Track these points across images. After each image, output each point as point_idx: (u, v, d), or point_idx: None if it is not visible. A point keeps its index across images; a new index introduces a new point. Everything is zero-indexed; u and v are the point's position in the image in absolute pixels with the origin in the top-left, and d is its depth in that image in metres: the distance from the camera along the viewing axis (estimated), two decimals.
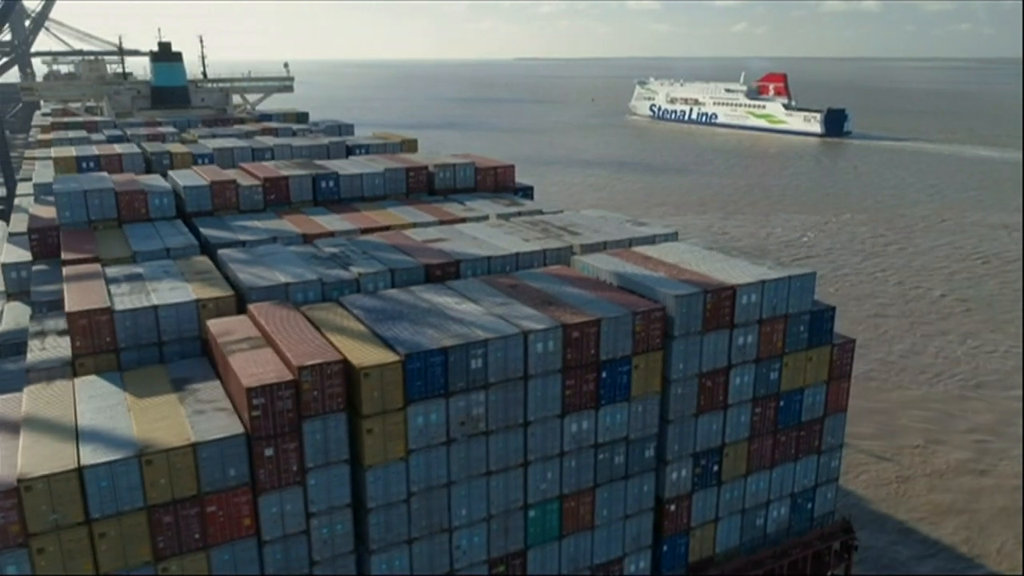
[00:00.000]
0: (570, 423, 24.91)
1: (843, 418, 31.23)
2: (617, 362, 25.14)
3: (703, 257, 30.25)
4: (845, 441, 32.14)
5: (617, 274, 28.19)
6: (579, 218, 37.41)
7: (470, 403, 22.95)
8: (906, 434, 57.16)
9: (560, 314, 24.65)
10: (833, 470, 31.74)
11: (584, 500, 25.94)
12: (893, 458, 53.78)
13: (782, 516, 30.83)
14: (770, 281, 27.51)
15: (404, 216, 37.69)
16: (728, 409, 27.97)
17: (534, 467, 24.67)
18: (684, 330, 26.07)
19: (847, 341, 30.42)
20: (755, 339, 27.72)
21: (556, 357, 24.02)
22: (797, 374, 29.19)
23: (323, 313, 25.16)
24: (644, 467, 26.87)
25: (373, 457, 21.91)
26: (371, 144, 56.45)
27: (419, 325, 23.75)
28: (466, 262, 30.13)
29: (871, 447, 55.12)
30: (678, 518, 28.14)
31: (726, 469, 28.66)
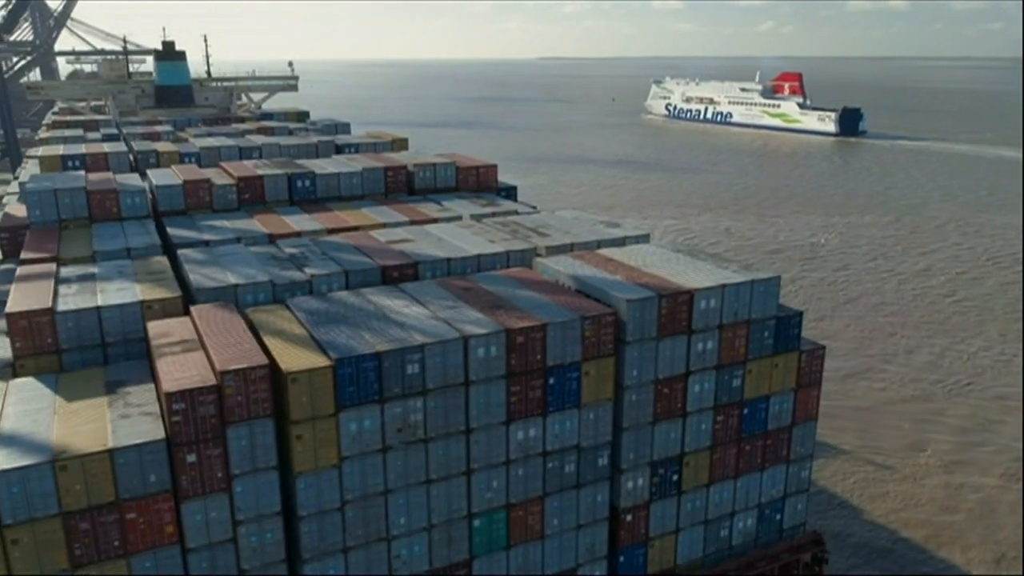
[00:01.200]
0: (516, 430, 24.22)
1: (813, 427, 30.27)
2: (566, 368, 24.42)
3: (668, 260, 29.45)
4: (839, 447, 31.13)
5: (575, 277, 27.48)
6: (552, 219, 36.71)
7: (407, 409, 22.35)
8: (894, 437, 55.84)
9: (506, 318, 23.99)
10: (803, 480, 30.77)
11: (533, 509, 25.24)
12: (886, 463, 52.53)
13: (748, 527, 29.93)
14: (730, 285, 26.64)
15: (376, 216, 37.19)
16: (687, 417, 27.14)
17: (478, 475, 24.01)
18: (638, 335, 25.30)
19: (816, 347, 29.46)
20: (715, 345, 26.87)
21: (499, 363, 23.36)
22: (762, 381, 28.28)
23: (266, 316, 24.69)
24: (597, 476, 26.12)
25: (303, 464, 21.38)
26: (361, 143, 56.15)
27: (359, 329, 23.19)
28: (425, 264, 29.56)
29: (858, 451, 53.89)
30: (635, 528, 27.36)
31: (687, 478, 27.83)
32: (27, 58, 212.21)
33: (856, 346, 73.82)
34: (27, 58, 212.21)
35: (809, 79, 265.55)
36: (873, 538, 44.56)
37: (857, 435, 56.30)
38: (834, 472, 51.35)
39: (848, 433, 56.47)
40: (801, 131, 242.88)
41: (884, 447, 54.72)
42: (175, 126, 70.96)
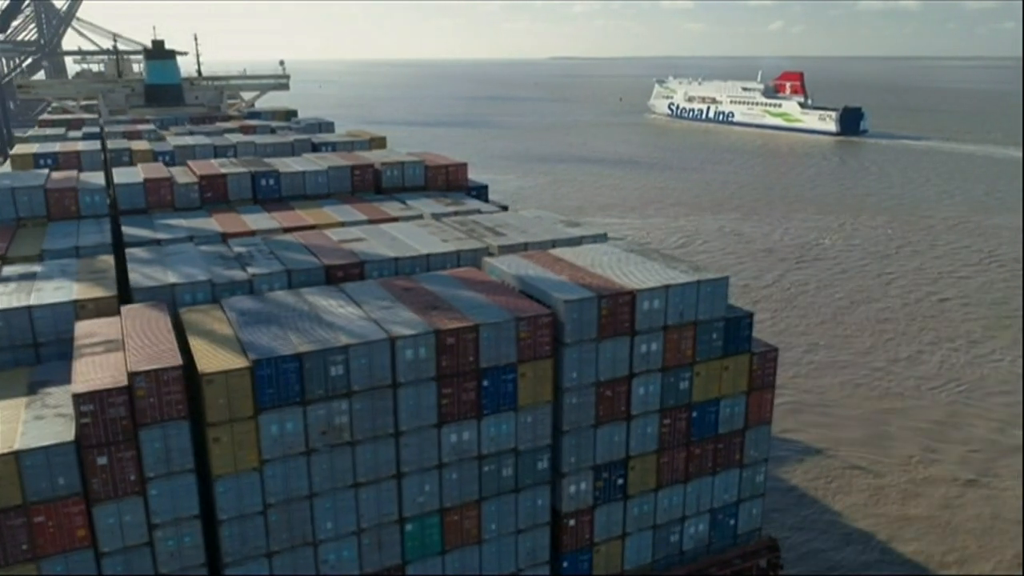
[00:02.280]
0: (449, 433, 23.74)
1: (767, 431, 29.66)
2: (500, 370, 23.92)
3: (618, 260, 28.89)
4: (830, 451, 30.55)
5: (519, 277, 26.99)
6: (512, 219, 36.22)
7: (331, 412, 21.90)
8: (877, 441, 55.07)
9: (439, 319, 23.51)
10: (758, 485, 30.16)
11: (469, 514, 24.75)
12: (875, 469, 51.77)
13: (700, 533, 29.35)
14: (675, 286, 26.09)
15: (336, 215, 36.79)
16: (632, 420, 26.60)
17: (409, 479, 23.55)
18: (577, 337, 24.78)
19: (769, 350, 28.86)
20: (660, 347, 26.32)
21: (429, 364, 22.88)
22: (711, 384, 27.71)
23: (197, 316, 24.31)
24: (537, 480, 25.60)
25: (222, 467, 20.98)
26: (338, 142, 55.82)
27: (287, 329, 22.77)
28: (371, 263, 29.13)
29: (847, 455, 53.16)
30: (579, 533, 26.84)
31: (633, 483, 27.28)
32: (31, 58, 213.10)
33: (843, 346, 73.00)
34: (31, 58, 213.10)
35: (818, 79, 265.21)
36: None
37: (833, 434, 55.61)
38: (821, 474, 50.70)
39: (813, 430, 55.79)
40: (802, 130, 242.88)
41: (882, 454, 53.96)
42: (161, 125, 70.87)
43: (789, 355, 70.64)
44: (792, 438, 55.78)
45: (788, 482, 50.07)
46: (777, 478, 49.83)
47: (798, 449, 54.34)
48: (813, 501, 48.13)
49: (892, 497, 48.53)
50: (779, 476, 50.21)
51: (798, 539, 43.96)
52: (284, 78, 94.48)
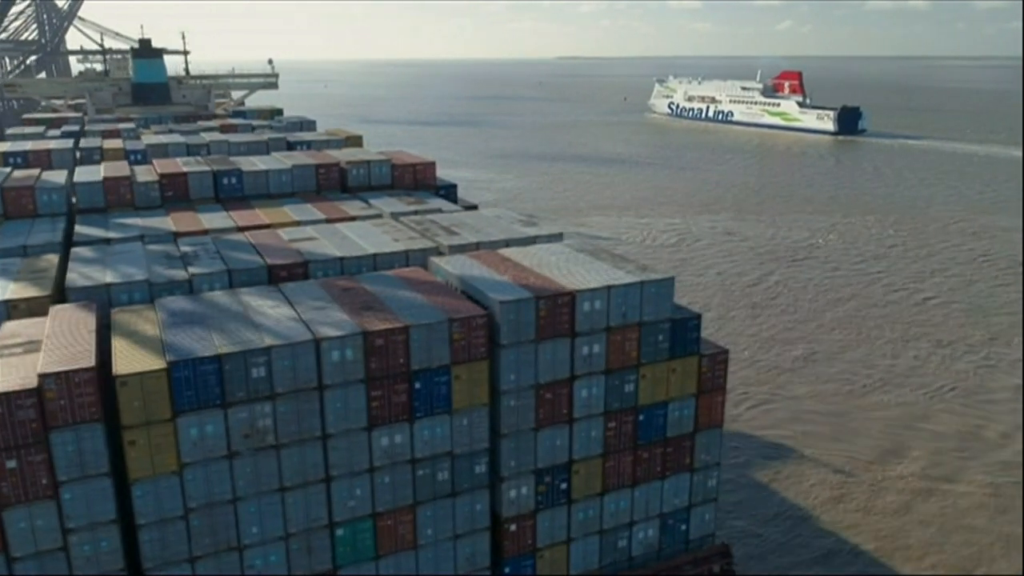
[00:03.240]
0: (380, 437, 23.30)
1: (718, 434, 29.09)
2: (433, 372, 23.47)
3: (566, 260, 28.39)
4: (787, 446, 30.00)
5: (462, 277, 26.51)
6: (471, 218, 35.75)
7: (254, 414, 21.48)
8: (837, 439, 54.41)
9: (370, 320, 23.07)
10: (710, 489, 29.61)
11: (403, 518, 24.31)
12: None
13: (650, 538, 28.83)
14: (617, 287, 25.58)
15: (293, 214, 36.41)
16: (575, 423, 26.10)
17: (339, 483, 23.11)
18: (513, 338, 24.29)
19: (719, 351, 28.31)
20: (603, 348, 25.81)
21: (357, 366, 22.44)
22: (658, 386, 27.18)
23: (128, 316, 23.91)
24: (475, 484, 25.14)
25: (139, 471, 20.58)
26: (314, 140, 55.51)
27: (213, 330, 22.34)
28: (316, 263, 28.73)
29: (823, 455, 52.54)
30: (520, 538, 26.35)
31: (577, 487, 26.78)
32: (31, 57, 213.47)
33: (822, 343, 72.31)
34: (31, 57, 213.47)
35: (825, 79, 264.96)
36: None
37: (831, 440, 54.98)
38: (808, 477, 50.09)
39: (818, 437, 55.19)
40: (800, 129, 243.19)
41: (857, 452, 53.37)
42: (144, 124, 70.68)
43: (769, 352, 70.10)
44: (751, 433, 55.36)
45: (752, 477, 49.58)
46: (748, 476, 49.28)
47: (757, 445, 53.92)
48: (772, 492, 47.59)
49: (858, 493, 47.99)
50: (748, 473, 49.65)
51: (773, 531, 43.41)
52: (273, 77, 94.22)
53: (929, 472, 51.23)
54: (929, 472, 51.23)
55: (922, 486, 49.56)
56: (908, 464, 52.27)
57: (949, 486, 49.56)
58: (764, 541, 43.67)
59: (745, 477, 50.54)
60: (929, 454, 53.50)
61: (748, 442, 55.46)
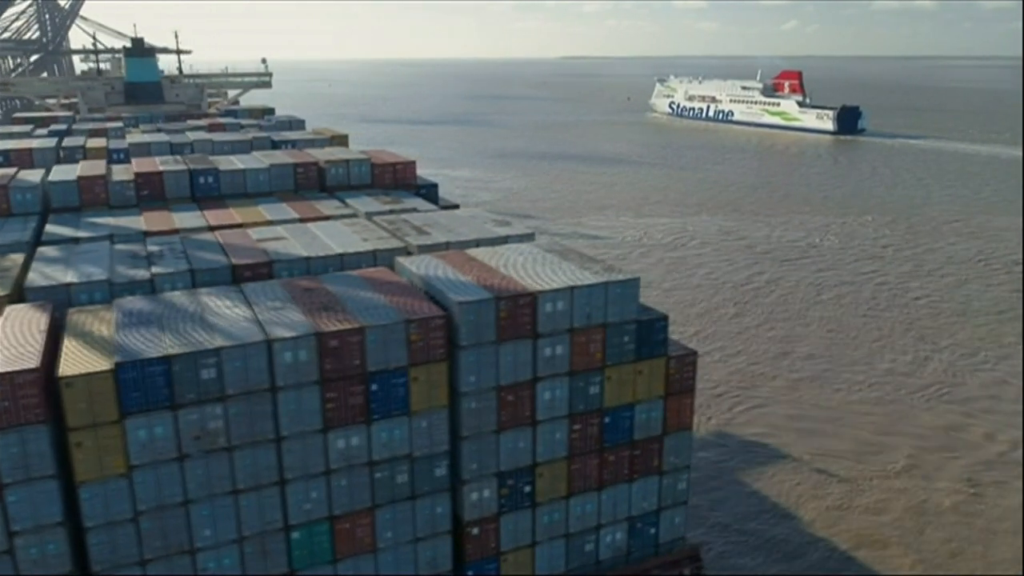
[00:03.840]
0: (336, 439, 23.03)
1: (687, 436, 28.76)
2: (390, 374, 23.19)
3: (533, 260, 28.07)
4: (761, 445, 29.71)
5: (425, 278, 26.22)
6: (445, 217, 35.46)
7: (204, 416, 21.22)
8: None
9: (325, 321, 22.79)
10: (680, 493, 29.26)
11: (361, 522, 24.03)
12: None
13: (618, 541, 28.50)
14: (580, 288, 25.26)
15: (267, 214, 36.15)
16: (538, 426, 25.80)
17: (294, 485, 22.84)
18: (473, 339, 24.00)
19: (687, 353, 27.97)
20: (566, 350, 25.50)
21: (311, 367, 22.17)
22: (624, 388, 26.85)
23: (84, 317, 23.69)
24: (435, 487, 24.86)
25: (86, 473, 20.35)
26: (299, 139, 55.29)
27: (166, 331, 22.09)
28: (280, 263, 28.48)
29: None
30: (483, 542, 26.06)
31: (541, 490, 26.47)
32: (33, 56, 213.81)
33: (823, 347, 71.94)
34: (33, 56, 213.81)
35: (830, 78, 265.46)
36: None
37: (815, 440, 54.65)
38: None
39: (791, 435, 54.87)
40: (800, 129, 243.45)
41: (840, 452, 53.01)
42: (134, 123, 70.52)
43: (757, 351, 69.81)
44: (732, 432, 54.97)
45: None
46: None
47: (736, 444, 53.63)
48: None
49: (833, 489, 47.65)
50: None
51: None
52: (266, 76, 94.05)
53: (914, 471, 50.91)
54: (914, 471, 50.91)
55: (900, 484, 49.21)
56: (889, 460, 51.96)
57: (926, 483, 49.21)
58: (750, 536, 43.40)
59: (729, 475, 50.21)
60: (913, 453, 53.13)
61: (729, 441, 55.16)
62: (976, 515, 46.23)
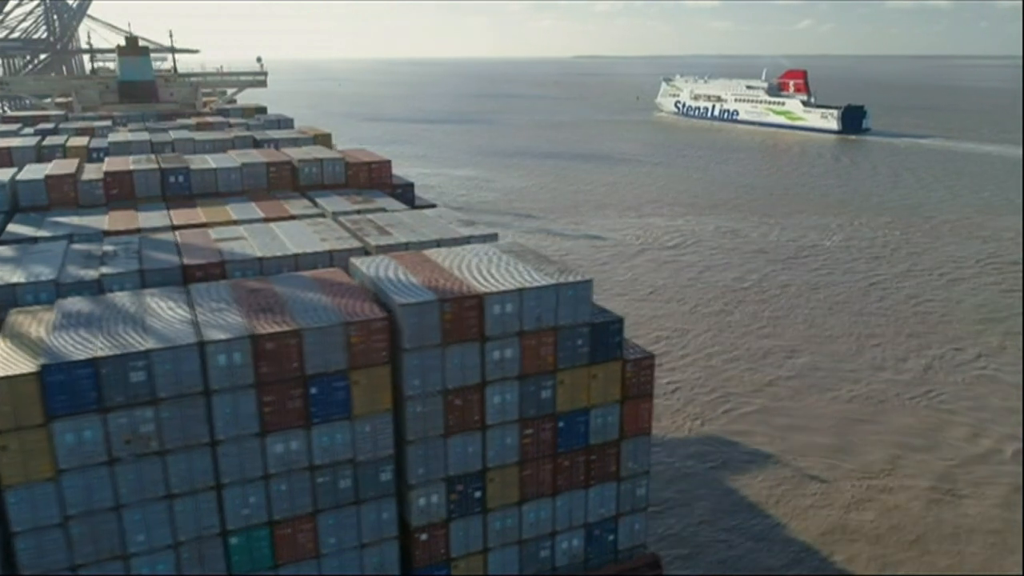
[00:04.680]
0: (274, 443, 22.61)
1: (646, 441, 28.19)
2: (330, 377, 22.74)
3: (490, 261, 27.57)
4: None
5: (375, 279, 25.78)
6: (409, 217, 35.01)
7: (134, 420, 20.84)
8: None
9: (263, 323, 22.38)
10: (640, 499, 28.69)
11: (303, 527, 23.60)
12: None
13: (575, 548, 27.97)
14: (530, 289, 24.74)
15: (234, 213, 35.82)
16: (488, 430, 25.30)
17: (231, 490, 22.44)
18: (417, 342, 23.53)
19: (644, 356, 27.39)
20: (516, 353, 25.00)
21: (246, 370, 21.75)
22: (578, 393, 26.32)
23: (23, 318, 23.43)
24: (380, 492, 24.40)
25: (12, 477, 19.99)
26: (281, 139, 54.96)
27: (101, 332, 21.73)
28: (233, 263, 28.11)
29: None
30: (433, 548, 25.59)
31: (492, 495, 25.98)
32: (40, 56, 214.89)
33: (813, 348, 71.18)
34: (40, 56, 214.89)
35: (841, 78, 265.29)
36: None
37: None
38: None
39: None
40: (804, 128, 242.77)
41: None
42: (125, 121, 70.48)
43: (748, 349, 69.15)
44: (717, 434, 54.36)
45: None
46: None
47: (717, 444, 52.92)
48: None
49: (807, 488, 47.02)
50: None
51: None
52: (262, 75, 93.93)
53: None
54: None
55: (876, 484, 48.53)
56: (864, 461, 51.35)
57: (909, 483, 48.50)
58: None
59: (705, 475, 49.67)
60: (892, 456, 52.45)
61: (713, 442, 54.58)
62: (945, 517, 45.58)
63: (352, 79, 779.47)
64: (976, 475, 50.49)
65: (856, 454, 53.14)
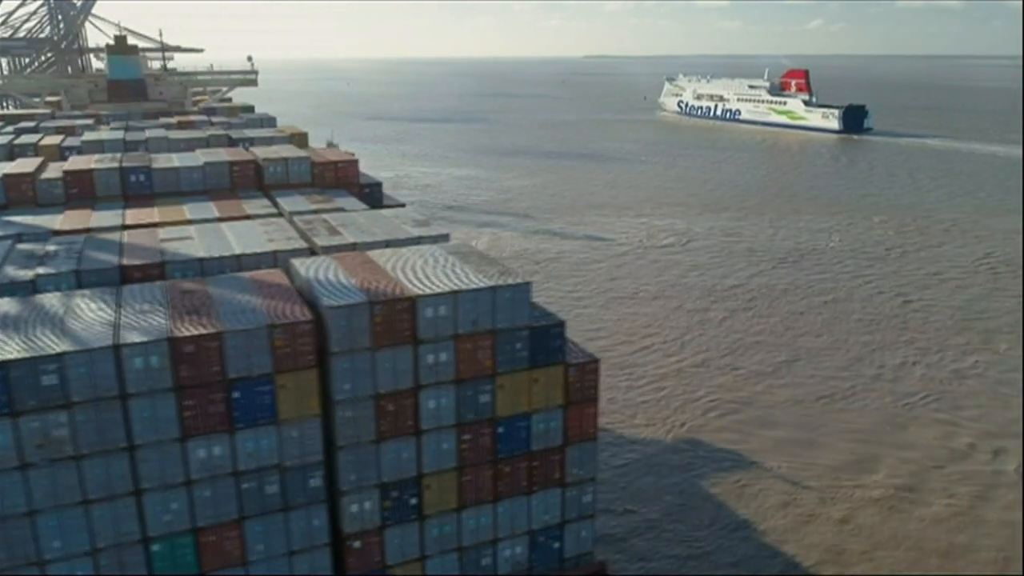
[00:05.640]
0: (196, 448, 22.13)
1: (592, 447, 27.59)
2: (253, 381, 22.25)
3: (433, 263, 27.03)
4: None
5: (310, 280, 25.28)
6: (364, 217, 34.53)
7: (47, 424, 20.40)
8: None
9: (183, 326, 21.91)
10: (586, 506, 28.11)
11: (228, 534, 23.13)
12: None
13: (518, 555, 27.42)
14: (465, 292, 24.20)
15: (189, 213, 35.43)
16: (423, 435, 24.78)
17: (151, 496, 21.98)
18: (346, 345, 23.03)
19: (588, 360, 26.81)
20: (451, 357, 24.46)
21: (164, 374, 21.27)
22: (518, 397, 25.76)
23: None
24: (310, 498, 23.91)
25: None
26: (257, 137, 54.62)
27: (18, 334, 21.31)
28: (174, 264, 27.69)
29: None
30: (367, 555, 25.08)
31: (429, 502, 25.46)
32: (42, 56, 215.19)
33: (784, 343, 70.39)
34: (42, 56, 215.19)
35: (849, 78, 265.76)
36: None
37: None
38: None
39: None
40: (806, 128, 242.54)
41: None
42: (108, 120, 70.33)
43: (751, 358, 68.44)
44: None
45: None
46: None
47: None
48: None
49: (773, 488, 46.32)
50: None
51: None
52: (252, 74, 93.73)
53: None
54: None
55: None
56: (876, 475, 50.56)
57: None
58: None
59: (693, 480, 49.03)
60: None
61: (700, 448, 53.91)
62: (952, 526, 44.80)
63: (362, 78, 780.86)
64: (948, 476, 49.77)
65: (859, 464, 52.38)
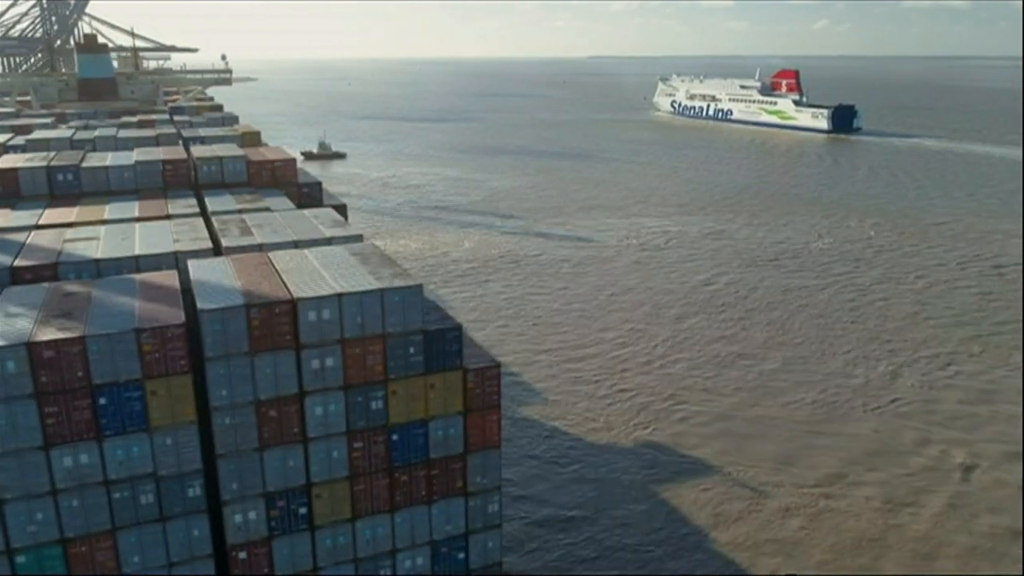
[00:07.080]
0: (61, 456, 21.33)
1: (495, 455, 26.73)
2: (120, 387, 21.44)
3: (330, 265, 26.17)
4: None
5: (195, 282, 24.47)
6: (283, 217, 33.72)
7: None
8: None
9: (48, 330, 21.11)
10: (492, 515, 27.25)
11: (101, 545, 22.31)
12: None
13: (420, 566, 26.58)
14: (349, 295, 23.35)
15: (109, 212, 34.69)
16: (310, 443, 23.95)
17: (14, 506, 21.19)
18: (222, 350, 22.20)
19: (489, 366, 25.93)
20: (338, 362, 23.62)
21: (23, 380, 20.48)
22: (413, 404, 24.92)
23: None
24: (189, 508, 23.08)
25: None
26: (208, 136, 53.92)
27: None
28: (68, 265, 26.93)
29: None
30: (254, 567, 24.26)
31: (320, 512, 24.62)
32: (34, 56, 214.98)
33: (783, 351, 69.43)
34: (34, 56, 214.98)
35: (852, 78, 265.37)
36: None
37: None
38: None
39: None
40: (796, 128, 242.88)
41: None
42: (71, 119, 69.65)
43: (711, 356, 67.52)
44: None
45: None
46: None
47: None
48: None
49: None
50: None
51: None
52: (226, 73, 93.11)
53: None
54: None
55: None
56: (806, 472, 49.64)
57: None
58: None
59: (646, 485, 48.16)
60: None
61: (660, 449, 53.02)
62: (889, 525, 43.89)
63: (363, 78, 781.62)
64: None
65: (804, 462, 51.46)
